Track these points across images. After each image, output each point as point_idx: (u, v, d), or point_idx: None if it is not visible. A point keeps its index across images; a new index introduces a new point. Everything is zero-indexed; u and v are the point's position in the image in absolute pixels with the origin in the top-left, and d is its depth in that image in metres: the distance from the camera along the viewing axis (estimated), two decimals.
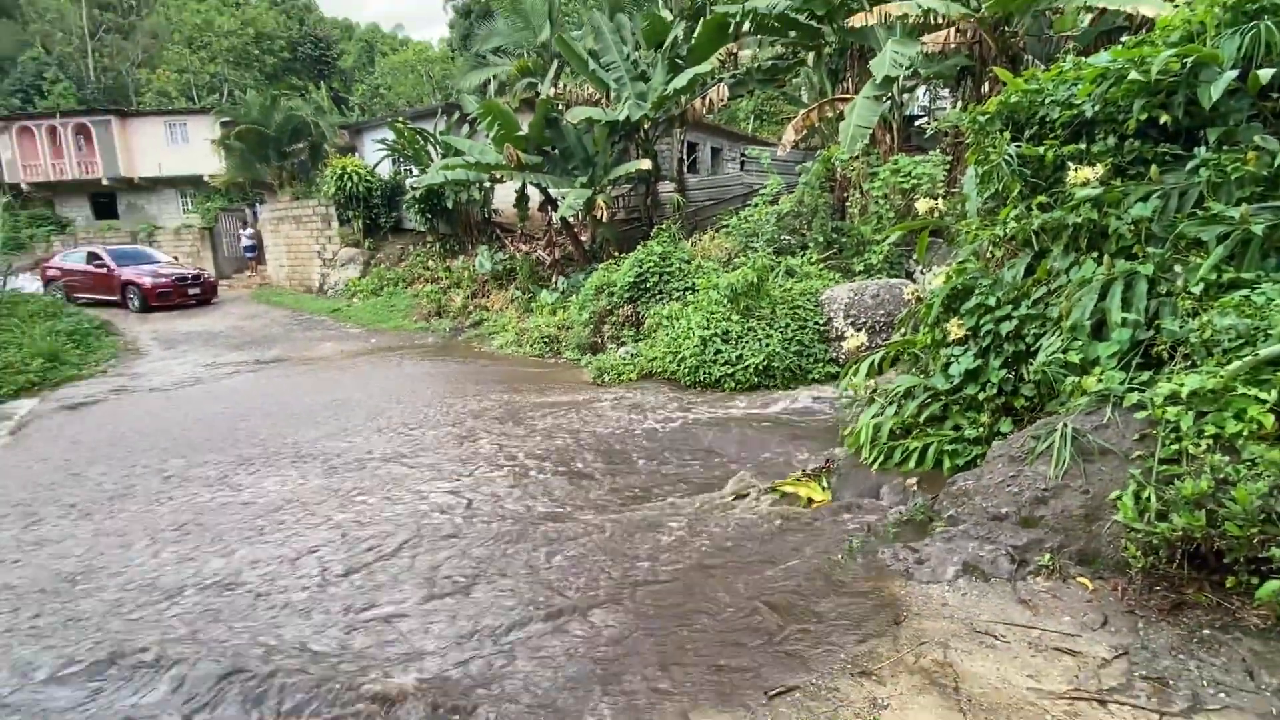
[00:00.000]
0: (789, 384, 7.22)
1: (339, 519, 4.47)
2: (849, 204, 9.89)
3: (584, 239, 13.56)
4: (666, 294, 9.49)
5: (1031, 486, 3.15)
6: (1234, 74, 3.33)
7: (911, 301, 5.10)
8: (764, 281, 7.84)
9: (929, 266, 7.34)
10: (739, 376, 7.28)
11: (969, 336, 4.05)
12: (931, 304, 4.37)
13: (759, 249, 9.49)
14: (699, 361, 7.53)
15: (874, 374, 4.93)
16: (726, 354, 7.44)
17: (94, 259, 17.78)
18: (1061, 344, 3.48)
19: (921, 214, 4.99)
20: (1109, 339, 3.32)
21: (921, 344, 4.49)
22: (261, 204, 23.72)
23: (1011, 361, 3.85)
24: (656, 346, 8.27)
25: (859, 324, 7.33)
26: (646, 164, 11.51)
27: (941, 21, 9.02)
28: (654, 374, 8.07)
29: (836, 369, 7.14)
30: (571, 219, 13.11)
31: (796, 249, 9.53)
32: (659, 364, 8.01)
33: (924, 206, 4.95)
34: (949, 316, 4.19)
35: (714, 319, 7.73)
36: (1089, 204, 3.61)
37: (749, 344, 7.43)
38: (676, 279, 9.61)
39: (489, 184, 15.32)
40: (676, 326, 8.25)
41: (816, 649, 2.69)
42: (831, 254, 9.30)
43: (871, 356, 5.06)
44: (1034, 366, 3.60)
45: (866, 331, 6.95)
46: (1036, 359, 3.60)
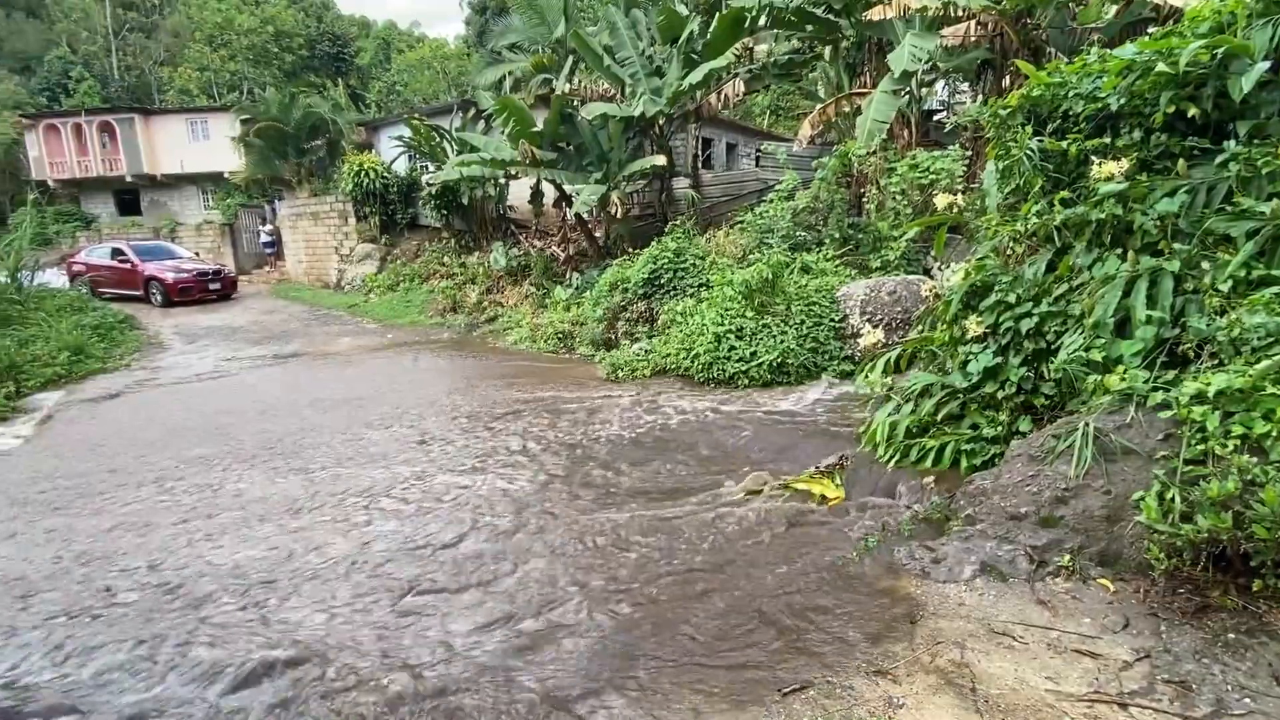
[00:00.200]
0: (803, 381, 7.17)
1: (387, 508, 4.53)
2: (866, 200, 9.79)
3: (598, 235, 13.57)
4: (681, 290, 9.47)
5: (1051, 486, 3.10)
6: (1266, 66, 3.25)
7: (929, 298, 5.05)
8: (779, 278, 7.78)
9: (947, 263, 7.24)
10: (753, 373, 7.25)
11: (988, 334, 3.99)
12: (950, 301, 4.32)
13: (774, 245, 9.42)
14: (713, 358, 7.50)
15: (890, 371, 4.89)
16: (741, 350, 7.41)
17: (118, 254, 18.11)
18: (1084, 342, 3.42)
19: (940, 210, 4.92)
20: (1133, 337, 3.26)
21: (939, 341, 4.44)
22: (280, 200, 24.01)
23: (1031, 359, 3.80)
24: (670, 343, 8.25)
25: (876, 321, 7.26)
26: (661, 160, 11.47)
27: (961, 14, 8.88)
28: (668, 370, 8.06)
29: (852, 366, 7.08)
30: (586, 215, 13.11)
31: (812, 245, 9.45)
32: (673, 360, 7.99)
33: (943, 202, 4.88)
34: (968, 313, 4.14)
35: (728, 315, 7.70)
36: (1113, 199, 3.54)
37: (764, 341, 7.39)
38: (691, 275, 9.58)
39: (504, 180, 15.37)
40: (690, 323, 8.22)
41: (830, 647, 2.68)
42: (848, 250, 9.21)
43: (888, 354, 5.02)
44: (1055, 365, 3.55)
45: (883, 329, 6.88)
46: (1057, 357, 3.55)
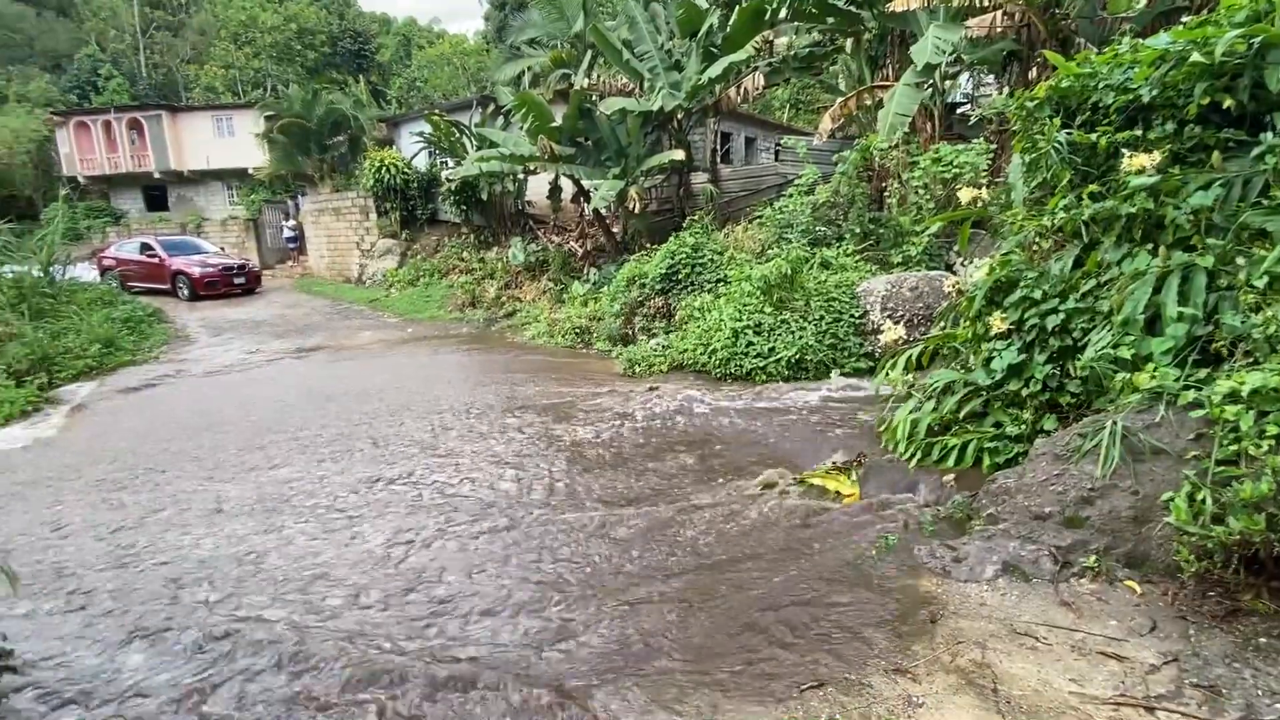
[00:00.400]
0: (822, 377, 7.12)
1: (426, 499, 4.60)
2: (887, 194, 9.66)
3: (616, 230, 13.57)
4: (698, 286, 9.44)
5: (1077, 486, 3.05)
6: None
7: (952, 294, 4.98)
8: (798, 273, 7.73)
9: (971, 259, 7.13)
10: (771, 369, 7.21)
11: (1012, 330, 3.94)
12: (973, 297, 4.26)
13: (793, 240, 9.35)
14: (730, 354, 7.48)
15: (912, 368, 4.84)
16: (759, 346, 7.37)
17: (146, 249, 18.50)
18: (1112, 339, 3.35)
19: (964, 204, 4.85)
20: (1164, 334, 3.19)
21: (962, 338, 4.38)
22: (303, 196, 24.35)
23: (1057, 357, 3.73)
24: (687, 338, 8.24)
25: (896, 317, 7.18)
26: (680, 154, 11.43)
27: (987, 4, 8.69)
28: (684, 366, 8.05)
29: (872, 363, 7.01)
30: (604, 210, 13.11)
31: (832, 240, 9.36)
32: (690, 356, 7.98)
33: (966, 196, 4.81)
34: (992, 310, 4.08)
35: (746, 311, 7.66)
36: (1144, 193, 3.46)
37: (782, 336, 7.35)
38: (709, 270, 9.54)
39: (523, 176, 15.43)
40: (708, 318, 8.20)
41: (849, 644, 2.66)
42: (868, 245, 9.11)
43: (909, 350, 4.97)
44: (1081, 362, 3.48)
45: (904, 325, 6.80)
46: (1084, 354, 3.48)
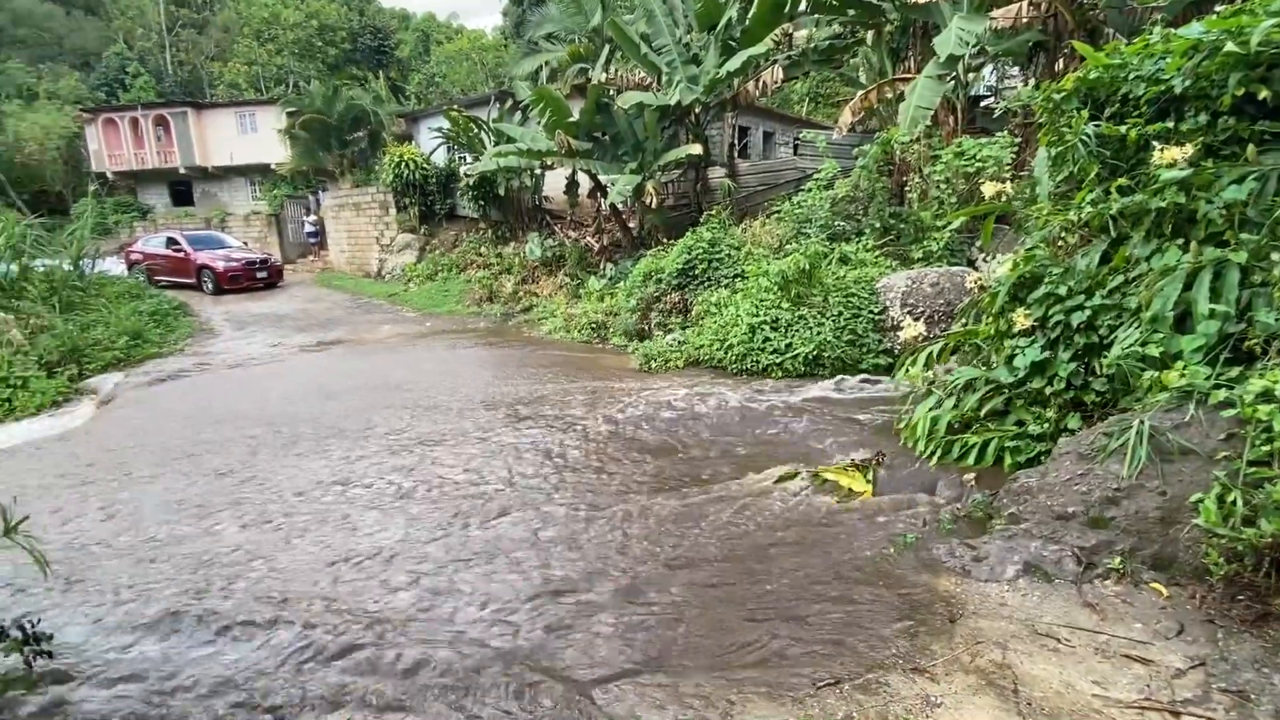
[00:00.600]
0: (840, 374, 7.06)
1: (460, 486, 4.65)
2: (908, 189, 9.54)
3: (632, 225, 13.55)
4: (715, 281, 9.40)
5: (1102, 486, 2.99)
6: None
7: (974, 290, 4.90)
8: (816, 268, 7.66)
9: (994, 254, 7.01)
10: (787, 365, 7.16)
11: (1036, 327, 3.87)
12: (996, 293, 4.20)
13: (812, 235, 9.27)
14: (747, 349, 7.44)
15: (932, 365, 4.78)
16: (775, 342, 7.33)
17: (172, 244, 18.84)
18: (1140, 336, 3.28)
19: (987, 198, 4.77)
20: (1194, 332, 3.11)
21: (984, 335, 4.32)
22: (324, 191, 24.63)
23: (1082, 354, 3.66)
24: (704, 334, 8.21)
25: (917, 313, 7.09)
26: (697, 149, 11.37)
27: None
28: (700, 362, 8.03)
29: (891, 360, 6.94)
30: (620, 205, 13.10)
31: (852, 235, 9.26)
32: (706, 351, 7.96)
33: (990, 190, 4.73)
34: (1015, 306, 4.01)
35: (763, 306, 7.62)
36: (1175, 187, 3.38)
37: (799, 332, 7.30)
38: (726, 266, 9.50)
39: (540, 171, 15.46)
40: (725, 314, 8.17)
41: (866, 642, 2.65)
42: (889, 240, 9.00)
43: (930, 347, 4.90)
44: (1108, 360, 3.41)
45: (925, 321, 6.70)
46: (1111, 352, 3.41)
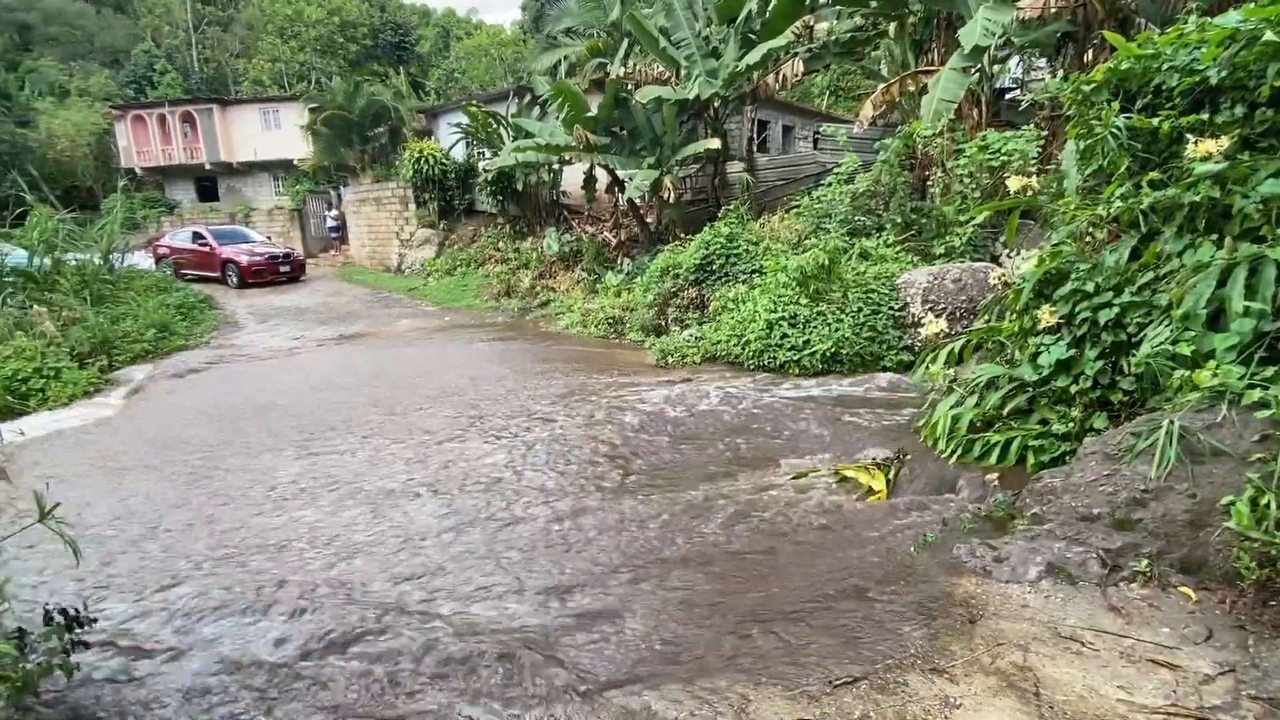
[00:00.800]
0: (858, 371, 6.99)
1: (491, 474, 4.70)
2: (930, 183, 9.38)
3: (650, 220, 13.52)
4: (732, 276, 9.35)
5: (1129, 487, 2.93)
6: None
7: (998, 286, 4.82)
8: (836, 264, 7.58)
9: (1018, 250, 6.88)
10: (805, 362, 7.10)
11: (1061, 325, 3.79)
12: (1021, 289, 4.12)
13: (832, 230, 9.17)
14: (764, 345, 7.39)
15: (953, 363, 4.71)
16: (793, 339, 7.27)
17: (198, 238, 19.22)
18: (1171, 334, 3.20)
19: (1013, 193, 4.67)
20: (1228, 330, 3.03)
21: (1008, 332, 4.24)
22: (345, 186, 24.92)
23: (1110, 353, 3.58)
24: (721, 329, 8.17)
25: (938, 310, 6.98)
26: (715, 143, 11.29)
27: None
28: (717, 358, 7.99)
29: (911, 357, 6.85)
30: (638, 200, 13.08)
31: (872, 230, 9.14)
32: (723, 347, 7.92)
33: (1015, 185, 4.64)
34: (1040, 303, 3.93)
35: (781, 302, 7.56)
36: (1210, 180, 3.28)
37: (817, 328, 7.23)
38: (743, 261, 9.44)
39: (558, 166, 15.47)
40: (742, 309, 8.12)
41: (884, 641, 2.62)
42: (910, 236, 8.87)
43: (951, 344, 4.83)
44: (1136, 358, 3.33)
45: (946, 318, 6.60)
46: (1140, 350, 3.33)
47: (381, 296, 16.32)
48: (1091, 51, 8.60)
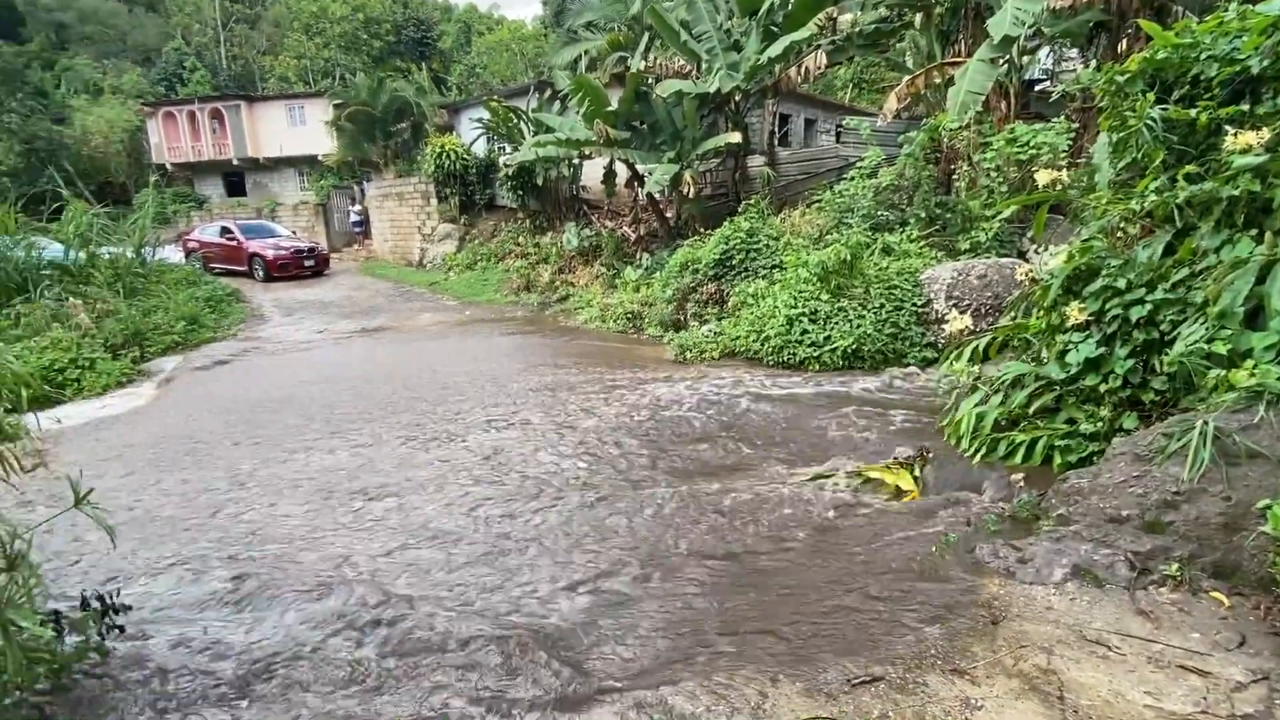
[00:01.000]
0: (880, 368, 6.91)
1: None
2: (956, 177, 9.22)
3: (669, 215, 13.47)
4: (752, 271, 9.28)
5: (1160, 489, 2.86)
6: None
7: (1025, 283, 4.72)
8: (858, 259, 7.48)
9: (1045, 245, 6.74)
10: (825, 359, 7.04)
11: (1091, 322, 3.70)
12: (1049, 285, 4.03)
13: (854, 225, 9.06)
14: (784, 341, 7.34)
15: (978, 360, 4.63)
16: (814, 335, 7.21)
17: (226, 233, 19.58)
18: (1206, 333, 3.11)
19: (1041, 187, 4.57)
20: (1267, 328, 2.93)
21: (1035, 329, 4.16)
22: (368, 182, 25.20)
23: (1141, 351, 3.49)
24: (740, 325, 8.13)
25: (963, 306, 6.87)
26: (736, 137, 11.21)
27: None
28: (736, 353, 7.96)
29: (935, 354, 6.76)
30: (658, 195, 13.03)
31: (895, 225, 9.02)
32: (742, 343, 7.88)
33: (1044, 178, 4.53)
34: (1069, 299, 3.85)
35: (802, 298, 7.49)
36: (1249, 174, 3.18)
37: (838, 325, 7.16)
38: (763, 256, 9.37)
39: (578, 161, 15.48)
40: (762, 305, 8.07)
41: (904, 641, 2.59)
42: (934, 231, 8.73)
43: (976, 341, 4.75)
44: (1169, 357, 3.25)
45: (971, 315, 6.51)
46: (1173, 349, 3.24)
47: (403, 290, 16.50)
48: (1125, 41, 8.36)
